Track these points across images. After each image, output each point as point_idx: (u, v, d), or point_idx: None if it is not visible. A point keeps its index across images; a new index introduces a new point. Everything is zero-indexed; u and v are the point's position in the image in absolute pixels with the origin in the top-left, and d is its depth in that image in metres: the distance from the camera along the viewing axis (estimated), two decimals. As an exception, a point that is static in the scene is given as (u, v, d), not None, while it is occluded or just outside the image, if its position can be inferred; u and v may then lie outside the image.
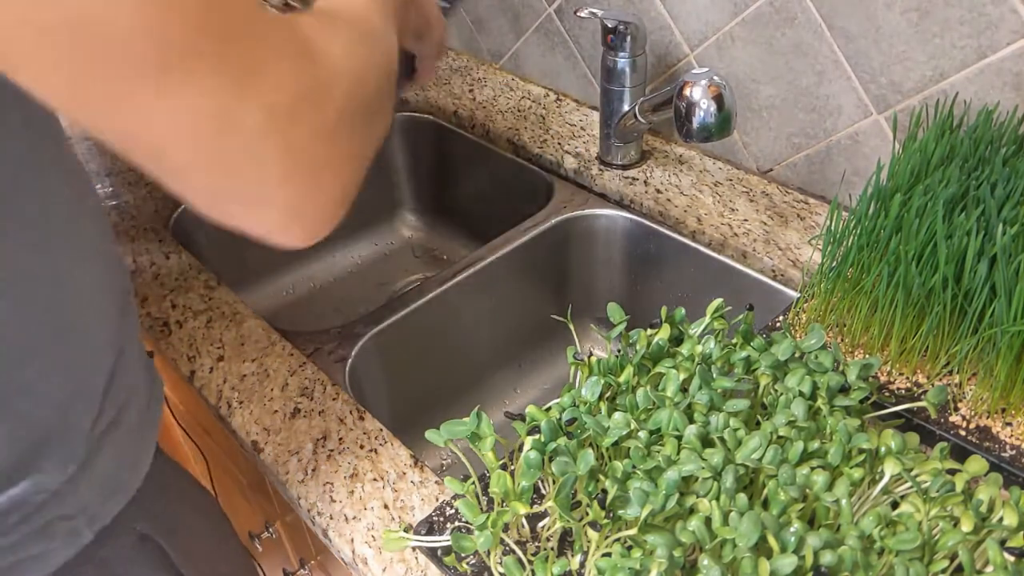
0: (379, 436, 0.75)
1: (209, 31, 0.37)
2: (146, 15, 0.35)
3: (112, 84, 0.36)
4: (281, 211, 0.42)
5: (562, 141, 1.14)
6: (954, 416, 0.68)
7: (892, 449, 0.59)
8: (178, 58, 0.36)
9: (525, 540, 0.61)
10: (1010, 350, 0.63)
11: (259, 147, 0.39)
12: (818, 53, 0.92)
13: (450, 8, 0.83)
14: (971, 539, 0.54)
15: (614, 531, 0.55)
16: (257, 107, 0.38)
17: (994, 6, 0.77)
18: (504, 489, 0.58)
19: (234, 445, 0.82)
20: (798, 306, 0.78)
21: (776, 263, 0.92)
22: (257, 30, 0.39)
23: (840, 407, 0.62)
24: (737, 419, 0.60)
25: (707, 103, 0.84)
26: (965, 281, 0.66)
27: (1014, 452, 0.64)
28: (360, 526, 0.68)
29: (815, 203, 1.00)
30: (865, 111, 0.91)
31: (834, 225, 0.73)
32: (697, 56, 1.04)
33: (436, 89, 1.29)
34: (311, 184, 0.42)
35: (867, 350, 0.73)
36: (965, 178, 0.70)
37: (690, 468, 0.56)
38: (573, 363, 0.68)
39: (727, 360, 0.66)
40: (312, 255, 1.33)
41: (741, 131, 1.04)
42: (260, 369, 0.82)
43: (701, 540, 0.53)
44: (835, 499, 0.56)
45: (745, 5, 0.95)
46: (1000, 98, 0.80)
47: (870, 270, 0.70)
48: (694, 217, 0.99)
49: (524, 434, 0.62)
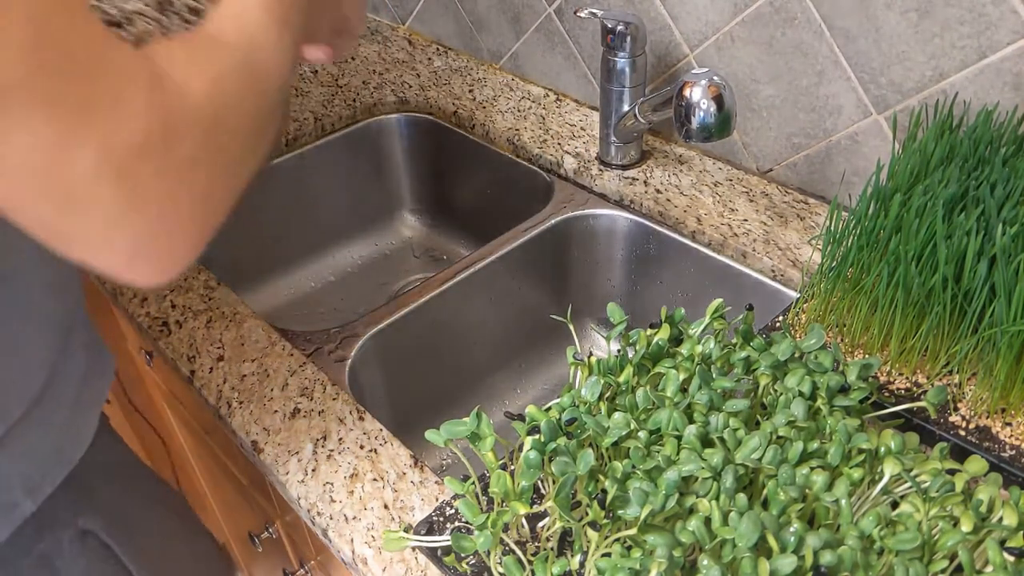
0: (379, 436, 0.75)
1: (40, 67, 0.36)
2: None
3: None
4: (122, 252, 0.41)
5: (562, 141, 1.14)
6: (954, 416, 0.68)
7: (892, 449, 0.59)
8: (4, 95, 0.35)
9: (525, 540, 0.61)
10: (1010, 350, 0.63)
11: (93, 188, 0.38)
12: (818, 53, 0.92)
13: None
14: (971, 539, 0.54)
15: (614, 531, 0.55)
16: (92, 147, 0.37)
17: (994, 6, 0.77)
18: (504, 489, 0.58)
19: (234, 445, 0.82)
20: (798, 306, 0.78)
21: (776, 263, 0.92)
22: (98, 66, 0.38)
23: (840, 407, 0.62)
24: (737, 419, 0.60)
25: (707, 103, 0.84)
26: (965, 281, 0.66)
27: (1014, 452, 0.64)
28: (360, 526, 0.68)
29: (815, 203, 1.00)
30: (865, 111, 0.91)
31: (834, 225, 0.73)
32: (697, 56, 1.04)
33: (436, 89, 1.29)
34: (156, 225, 0.40)
35: (867, 350, 0.73)
36: (965, 178, 0.70)
37: (690, 468, 0.56)
38: (573, 363, 0.68)
39: (727, 360, 0.66)
40: (312, 255, 1.33)
41: (741, 131, 1.04)
42: (260, 369, 0.83)
43: (701, 540, 0.53)
44: (835, 499, 0.56)
45: (745, 5, 0.95)
46: (1000, 98, 0.80)
47: (870, 270, 0.70)
48: (694, 217, 0.99)
49: (524, 434, 0.62)
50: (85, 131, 0.37)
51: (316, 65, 1.37)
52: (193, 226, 0.43)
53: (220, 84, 0.45)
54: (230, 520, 1.40)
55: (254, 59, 0.49)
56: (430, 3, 1.39)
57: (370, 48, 1.43)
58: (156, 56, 0.42)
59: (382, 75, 1.34)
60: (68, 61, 0.37)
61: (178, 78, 0.42)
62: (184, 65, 0.43)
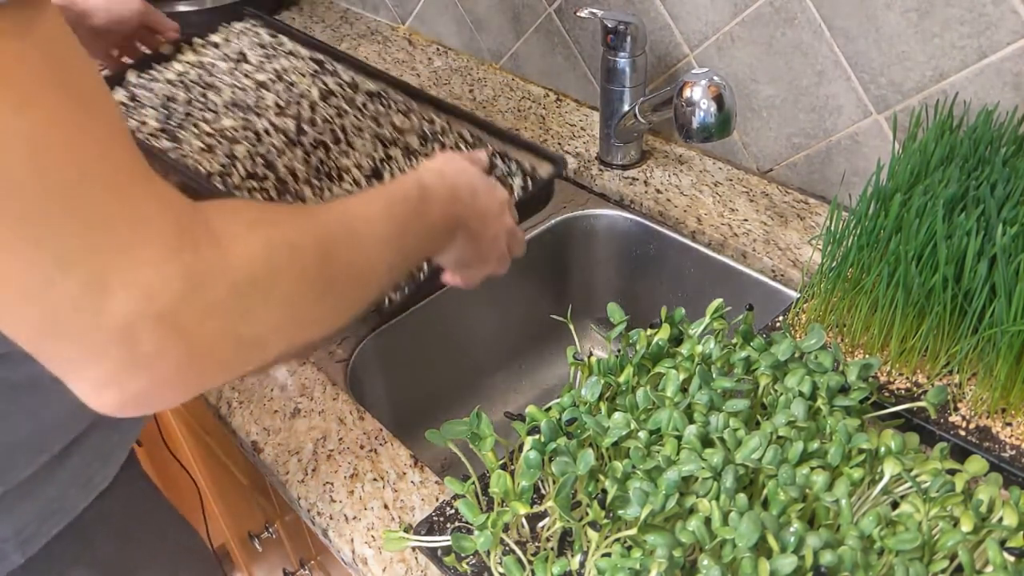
0: (379, 436, 0.75)
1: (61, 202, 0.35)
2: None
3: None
4: (94, 383, 0.38)
5: (562, 141, 1.14)
6: (954, 416, 0.67)
7: (892, 449, 0.59)
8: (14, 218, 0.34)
9: (525, 540, 0.61)
10: (1010, 350, 0.63)
11: (81, 321, 0.36)
12: (818, 53, 0.92)
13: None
14: (971, 539, 0.54)
15: (614, 531, 0.55)
16: (85, 279, 0.36)
17: (994, 6, 0.77)
18: (504, 489, 0.58)
19: (234, 445, 0.82)
20: (798, 306, 0.78)
21: (776, 263, 0.92)
22: (124, 208, 0.37)
23: (840, 407, 0.62)
24: (737, 419, 0.60)
25: (707, 103, 0.84)
26: (965, 281, 0.66)
27: (1014, 452, 0.64)
28: (360, 526, 0.68)
29: (815, 203, 1.00)
30: (865, 111, 0.91)
31: (834, 225, 0.73)
32: (697, 56, 1.04)
33: (436, 89, 1.29)
34: (133, 370, 0.38)
35: (867, 350, 0.73)
36: (965, 178, 0.70)
37: (690, 468, 0.56)
38: (573, 363, 0.68)
39: (727, 360, 0.66)
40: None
41: (741, 131, 1.04)
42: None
43: (701, 540, 0.53)
44: (835, 499, 0.56)
45: (745, 5, 0.95)
46: (1000, 98, 0.80)
47: (870, 270, 0.70)
48: (694, 217, 0.99)
49: (524, 434, 0.62)
50: (83, 267, 0.36)
51: None
52: (185, 379, 0.40)
53: (278, 254, 0.43)
54: (230, 520, 1.40)
55: (328, 248, 0.48)
56: (430, 3, 1.40)
57: (370, 48, 1.43)
58: (212, 209, 0.41)
59: (382, 75, 1.34)
60: (92, 201, 0.36)
61: (224, 234, 0.41)
62: (232, 224, 0.42)
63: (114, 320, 0.36)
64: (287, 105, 0.98)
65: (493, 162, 0.89)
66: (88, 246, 0.36)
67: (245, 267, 0.41)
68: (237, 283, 0.40)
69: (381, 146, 0.94)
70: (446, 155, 0.71)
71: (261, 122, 0.96)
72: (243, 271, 0.41)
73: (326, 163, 0.92)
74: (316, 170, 0.91)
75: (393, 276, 0.58)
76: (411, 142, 0.94)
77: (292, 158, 0.92)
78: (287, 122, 0.96)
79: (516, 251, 0.75)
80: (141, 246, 0.37)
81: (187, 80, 1.03)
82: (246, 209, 0.45)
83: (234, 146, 0.93)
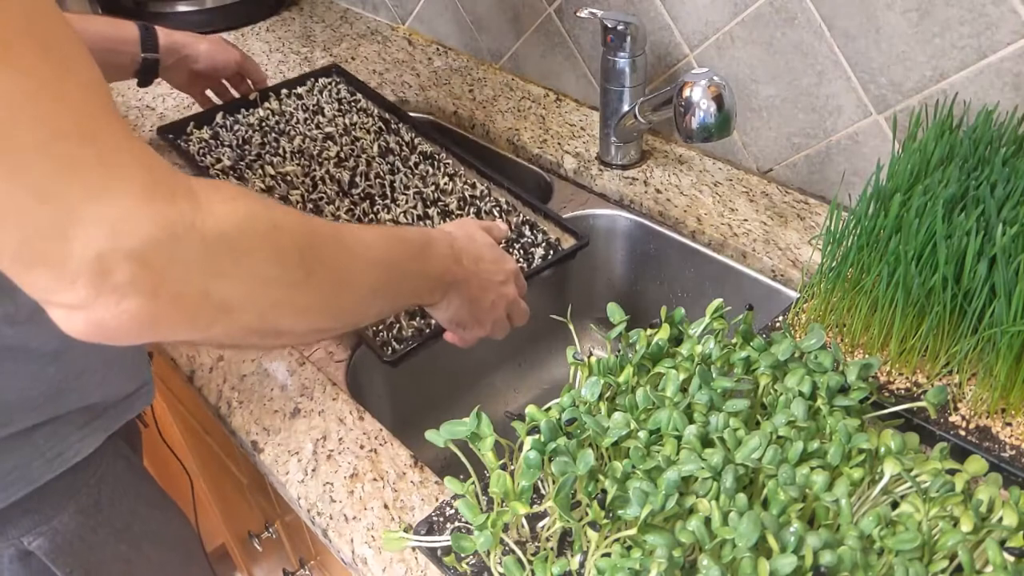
0: (379, 436, 0.75)
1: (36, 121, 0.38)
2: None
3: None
4: (64, 309, 0.41)
5: (562, 141, 1.14)
6: (954, 416, 0.68)
7: (892, 449, 0.59)
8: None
9: (525, 540, 0.61)
10: (1010, 350, 0.63)
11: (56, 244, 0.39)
12: (818, 53, 0.92)
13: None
14: (971, 539, 0.54)
15: (614, 531, 0.55)
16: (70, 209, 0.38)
17: (994, 6, 0.77)
18: (504, 489, 0.58)
19: (234, 445, 0.82)
20: (798, 306, 0.78)
21: (776, 263, 0.92)
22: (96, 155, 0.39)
23: (840, 407, 0.62)
24: (737, 419, 0.60)
25: (707, 103, 0.83)
26: (965, 281, 0.66)
27: (1014, 452, 0.64)
28: (360, 526, 0.68)
29: (815, 203, 1.00)
30: (865, 111, 0.91)
31: (834, 225, 0.73)
32: (697, 56, 1.04)
33: (436, 89, 1.29)
34: (101, 300, 0.40)
35: (867, 350, 0.73)
36: (965, 178, 0.70)
37: (690, 468, 0.56)
38: (573, 363, 0.68)
39: (727, 360, 0.66)
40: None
41: (741, 131, 1.04)
42: (260, 369, 0.82)
43: (701, 540, 0.53)
44: (835, 499, 0.56)
45: (745, 5, 0.95)
46: (1000, 98, 0.80)
47: (870, 270, 0.70)
48: (694, 217, 0.99)
49: (524, 434, 0.62)
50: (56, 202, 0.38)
51: (319, 63, 1.37)
52: (150, 318, 0.42)
53: (249, 223, 0.45)
54: (230, 520, 1.40)
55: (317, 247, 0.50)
56: (430, 3, 1.40)
57: (370, 48, 1.43)
58: (202, 181, 0.44)
59: (382, 75, 1.34)
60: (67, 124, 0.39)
61: (205, 197, 0.43)
62: (224, 193, 0.44)
63: (84, 251, 0.39)
64: (347, 158, 1.07)
65: (511, 232, 0.96)
66: (61, 184, 0.38)
67: (220, 226, 0.43)
68: (208, 239, 0.42)
69: (422, 204, 1.00)
70: (463, 221, 0.76)
71: (321, 171, 1.04)
72: (217, 229, 0.43)
73: (368, 214, 0.98)
74: (358, 220, 0.98)
75: (377, 303, 0.59)
76: (450, 203, 1.00)
77: (339, 207, 0.98)
78: (343, 173, 1.04)
79: (517, 320, 0.79)
80: (113, 189, 0.39)
81: (266, 126, 1.13)
82: (239, 188, 0.47)
83: (291, 190, 1.01)
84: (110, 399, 0.71)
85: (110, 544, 0.74)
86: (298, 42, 1.46)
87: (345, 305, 0.55)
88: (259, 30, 1.50)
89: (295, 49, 1.43)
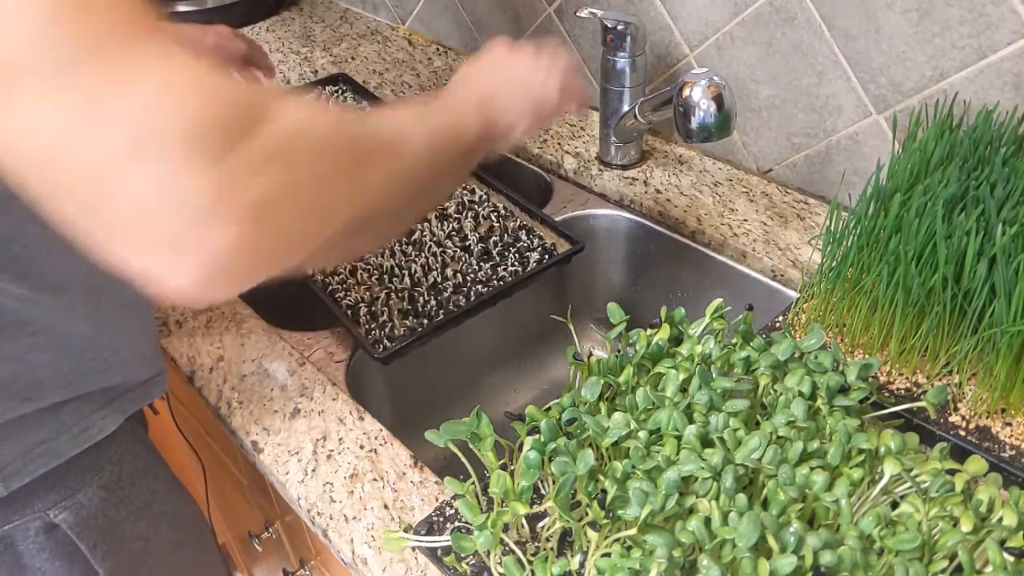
0: (379, 436, 0.75)
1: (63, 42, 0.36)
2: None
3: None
4: (157, 247, 0.38)
5: (562, 141, 1.14)
6: (954, 416, 0.68)
7: (892, 449, 0.59)
8: (19, 72, 0.36)
9: (525, 540, 0.61)
10: (1010, 350, 0.63)
11: (122, 170, 0.36)
12: (818, 53, 0.92)
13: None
14: (971, 539, 0.54)
15: (614, 531, 0.55)
16: (120, 125, 0.36)
17: (994, 6, 0.77)
18: (504, 489, 0.58)
19: (234, 445, 0.82)
20: (798, 306, 0.78)
21: (776, 263, 0.92)
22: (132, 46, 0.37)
23: (840, 407, 0.62)
24: (737, 419, 0.60)
25: (707, 103, 0.83)
26: (965, 281, 0.66)
27: (1014, 452, 0.64)
28: (360, 526, 0.68)
29: (815, 203, 1.00)
30: (865, 111, 0.91)
31: (834, 225, 0.73)
32: (697, 56, 1.04)
33: (436, 89, 1.29)
34: (199, 226, 0.37)
35: (867, 350, 0.73)
36: (965, 178, 0.70)
37: (690, 468, 0.56)
38: (573, 363, 0.68)
39: (727, 360, 0.66)
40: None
41: (741, 131, 1.04)
42: (260, 369, 0.83)
43: (701, 540, 0.53)
44: (835, 499, 0.56)
45: (745, 5, 0.95)
46: (1000, 98, 0.80)
47: (870, 270, 0.70)
48: (694, 217, 0.99)
49: (524, 434, 0.62)
50: (110, 108, 0.36)
51: (319, 63, 1.37)
52: (245, 245, 0.39)
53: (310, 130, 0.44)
54: (230, 520, 1.40)
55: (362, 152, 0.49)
56: (430, 3, 1.40)
57: (370, 48, 1.43)
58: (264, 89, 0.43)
59: (382, 75, 1.34)
60: (94, 36, 0.37)
61: (279, 111, 0.41)
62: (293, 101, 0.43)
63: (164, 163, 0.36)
64: None
65: (508, 236, 0.97)
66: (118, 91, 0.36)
67: (289, 123, 0.42)
68: (278, 134, 0.41)
69: None
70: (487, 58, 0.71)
71: None
72: (287, 126, 0.41)
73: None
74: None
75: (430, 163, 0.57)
76: (448, 208, 1.01)
77: None
78: None
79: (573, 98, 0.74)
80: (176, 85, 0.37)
81: None
82: (300, 99, 0.46)
83: None
84: (129, 383, 0.72)
85: (130, 521, 0.75)
86: (298, 42, 1.46)
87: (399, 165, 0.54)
88: (259, 30, 1.50)
89: (295, 49, 1.43)
